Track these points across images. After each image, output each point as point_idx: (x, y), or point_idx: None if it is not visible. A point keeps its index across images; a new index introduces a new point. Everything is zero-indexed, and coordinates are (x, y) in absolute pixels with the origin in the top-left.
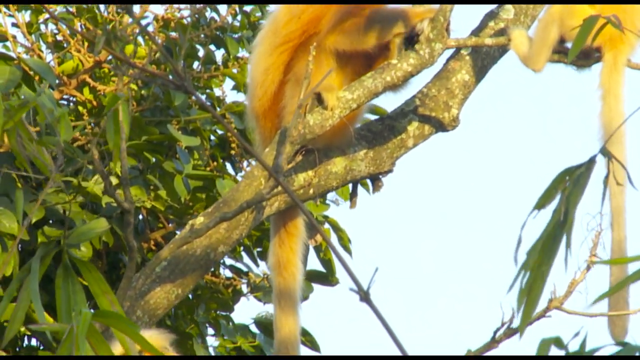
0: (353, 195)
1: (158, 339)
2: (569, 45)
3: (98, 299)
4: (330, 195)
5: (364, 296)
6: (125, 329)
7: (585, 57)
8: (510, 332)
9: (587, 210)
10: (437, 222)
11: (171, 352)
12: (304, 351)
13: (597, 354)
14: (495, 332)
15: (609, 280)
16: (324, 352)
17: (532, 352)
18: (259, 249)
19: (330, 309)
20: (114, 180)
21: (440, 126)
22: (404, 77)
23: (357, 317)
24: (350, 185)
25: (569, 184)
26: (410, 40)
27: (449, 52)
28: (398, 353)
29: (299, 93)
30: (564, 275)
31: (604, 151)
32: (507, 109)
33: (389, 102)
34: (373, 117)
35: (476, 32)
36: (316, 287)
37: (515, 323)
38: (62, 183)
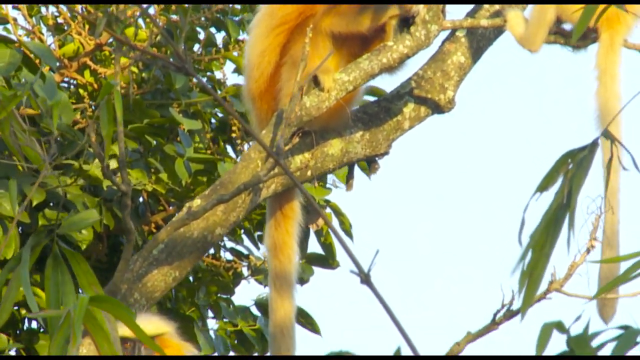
0: (349, 178)
1: (161, 326)
2: (565, 26)
3: (85, 290)
4: (329, 179)
5: (365, 279)
6: (121, 315)
7: (582, 37)
8: (510, 314)
9: (586, 193)
10: (434, 204)
11: (175, 340)
12: (304, 333)
13: (598, 338)
14: (495, 314)
15: (599, 267)
16: (324, 334)
17: (532, 334)
18: (259, 232)
19: (331, 292)
20: (114, 163)
21: (436, 108)
22: (399, 58)
23: (357, 299)
24: (347, 168)
25: (572, 166)
26: (406, 22)
27: (444, 34)
28: (398, 335)
29: (295, 75)
30: (564, 257)
31: (606, 134)
32: (503, 90)
33: (385, 84)
34: (372, 99)
35: (472, 13)
36: (317, 270)
37: (515, 305)
38: (55, 172)
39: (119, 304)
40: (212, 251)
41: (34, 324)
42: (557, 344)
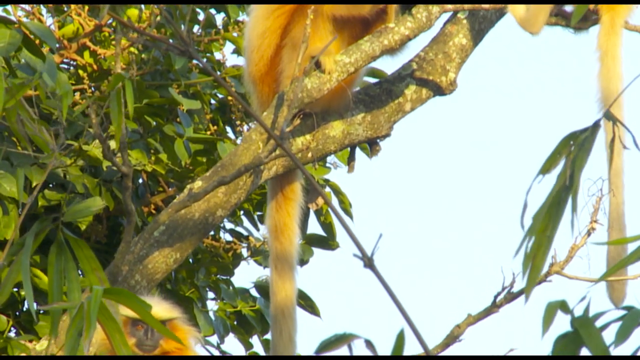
0: (351, 160)
1: (171, 311)
2: (566, 7)
3: (88, 276)
4: (330, 160)
5: (368, 262)
6: (135, 306)
7: (583, 19)
8: (511, 297)
9: (587, 175)
10: (435, 186)
11: (183, 326)
12: (304, 315)
13: (601, 319)
14: (495, 297)
15: (606, 249)
16: (324, 316)
17: (533, 316)
18: (259, 213)
19: (331, 273)
20: (114, 144)
21: (437, 90)
22: (401, 40)
23: (357, 280)
24: (348, 150)
25: (574, 148)
26: (408, 4)
27: (446, 16)
28: (399, 317)
29: (296, 57)
30: (564, 240)
31: (608, 115)
32: (504, 72)
33: (387, 66)
34: (373, 80)
35: None
36: (316, 251)
37: (516, 288)
38: (64, 159)
39: (132, 295)
40: (212, 232)
41: (34, 306)
42: (562, 325)
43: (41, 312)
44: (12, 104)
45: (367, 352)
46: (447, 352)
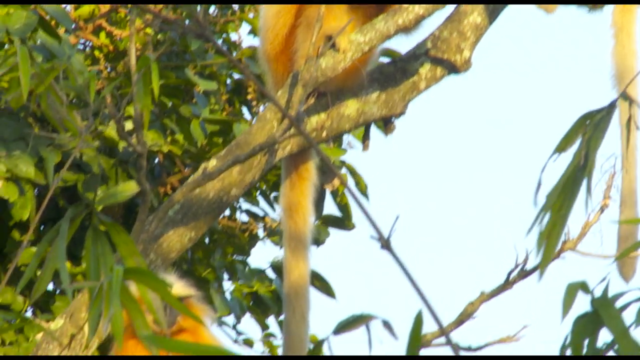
0: (366, 139)
1: (187, 290)
2: None
3: (126, 261)
4: (345, 140)
5: (385, 244)
6: (156, 287)
7: None
8: (524, 274)
9: (600, 152)
10: (449, 164)
11: (199, 305)
12: (319, 297)
13: (621, 299)
14: (509, 274)
15: (618, 227)
16: (340, 298)
17: (546, 293)
18: (275, 193)
19: (347, 254)
20: (129, 125)
21: (452, 68)
22: (415, 19)
23: (374, 261)
24: (363, 128)
25: (589, 128)
26: None
27: None
28: (417, 300)
29: (310, 37)
30: (577, 217)
31: (624, 95)
32: (519, 50)
33: (401, 45)
34: (387, 60)
35: None
36: (332, 232)
37: (529, 265)
38: (92, 145)
39: (153, 275)
40: (227, 212)
41: (50, 286)
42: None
43: (57, 292)
44: (42, 89)
45: (385, 333)
46: (461, 330)
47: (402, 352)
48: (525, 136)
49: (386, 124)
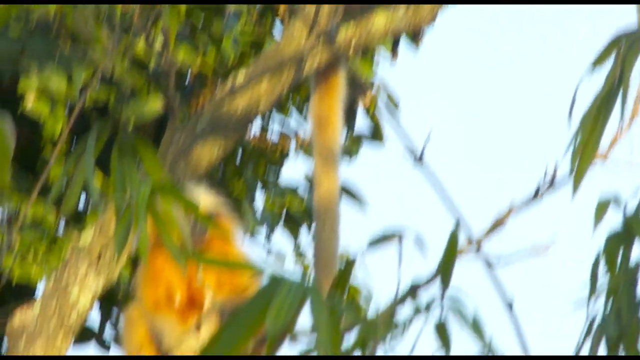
0: (394, 50)
1: (214, 204)
2: None
3: (151, 176)
4: (375, 55)
5: (417, 159)
6: (184, 202)
7: None
8: (554, 187)
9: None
10: (481, 77)
11: (229, 220)
12: (350, 212)
13: None
14: (538, 187)
15: None
16: (371, 214)
17: (577, 206)
18: (307, 108)
19: (378, 169)
20: (160, 42)
21: None
22: None
23: (405, 178)
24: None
25: (624, 47)
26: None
27: None
28: (449, 214)
29: None
30: (609, 131)
31: None
32: None
33: None
34: None
35: None
36: (363, 148)
37: (559, 177)
38: (122, 58)
39: (181, 191)
40: (259, 126)
41: (81, 205)
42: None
43: (89, 207)
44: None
45: (417, 249)
46: (491, 240)
47: (436, 264)
48: (560, 51)
49: (415, 36)
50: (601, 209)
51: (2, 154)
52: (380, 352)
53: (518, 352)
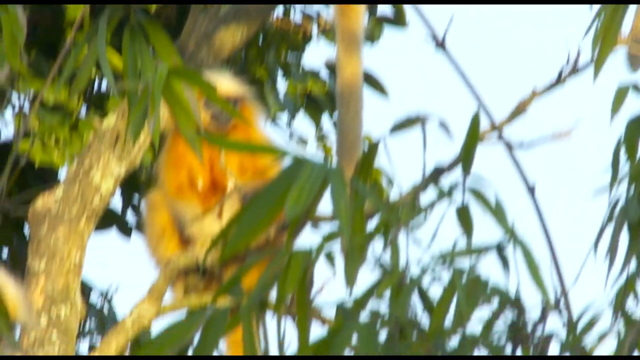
0: None
1: (237, 88)
2: None
3: (163, 60)
4: None
5: (440, 44)
6: (203, 86)
7: None
8: (575, 72)
9: None
10: None
11: (251, 104)
12: (372, 97)
13: None
14: (560, 72)
15: None
16: (394, 99)
17: (597, 91)
18: None
19: (400, 54)
20: None
21: None
22: None
23: (427, 62)
24: None
25: None
26: None
27: None
28: (471, 98)
29: None
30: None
31: None
32: None
33: None
34: None
35: None
36: (385, 32)
37: (581, 62)
38: None
39: (198, 75)
40: (281, 12)
41: (103, 87)
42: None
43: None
44: None
45: (440, 133)
46: (514, 125)
47: (457, 151)
48: None
49: None
50: (620, 95)
51: (15, 38)
52: (402, 237)
53: (539, 237)
